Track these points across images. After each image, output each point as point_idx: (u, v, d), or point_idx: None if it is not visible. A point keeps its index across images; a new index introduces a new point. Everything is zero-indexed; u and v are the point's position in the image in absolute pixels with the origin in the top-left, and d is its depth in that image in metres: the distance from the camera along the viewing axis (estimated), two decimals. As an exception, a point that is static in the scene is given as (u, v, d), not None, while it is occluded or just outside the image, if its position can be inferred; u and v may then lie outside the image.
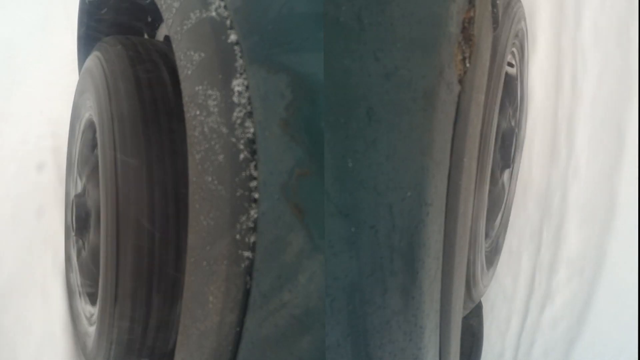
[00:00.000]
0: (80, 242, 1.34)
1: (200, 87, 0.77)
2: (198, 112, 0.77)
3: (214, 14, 0.76)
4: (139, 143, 0.96)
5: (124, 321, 0.99)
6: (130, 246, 0.95)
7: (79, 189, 1.33)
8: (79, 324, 1.33)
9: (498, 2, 1.00)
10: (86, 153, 1.29)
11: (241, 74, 0.74)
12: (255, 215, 0.74)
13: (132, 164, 0.95)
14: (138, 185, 0.95)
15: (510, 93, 1.54)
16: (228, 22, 0.75)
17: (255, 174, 0.73)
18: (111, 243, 0.97)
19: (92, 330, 1.19)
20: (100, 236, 1.04)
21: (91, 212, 1.25)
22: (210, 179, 0.76)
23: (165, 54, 1.09)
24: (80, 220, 1.26)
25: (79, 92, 1.27)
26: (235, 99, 0.74)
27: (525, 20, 1.52)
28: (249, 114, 0.73)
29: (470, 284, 1.27)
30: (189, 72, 0.79)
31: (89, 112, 1.19)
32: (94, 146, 1.26)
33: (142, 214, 0.94)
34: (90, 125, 1.24)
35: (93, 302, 1.27)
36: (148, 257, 0.95)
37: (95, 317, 1.17)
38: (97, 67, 1.09)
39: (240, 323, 0.76)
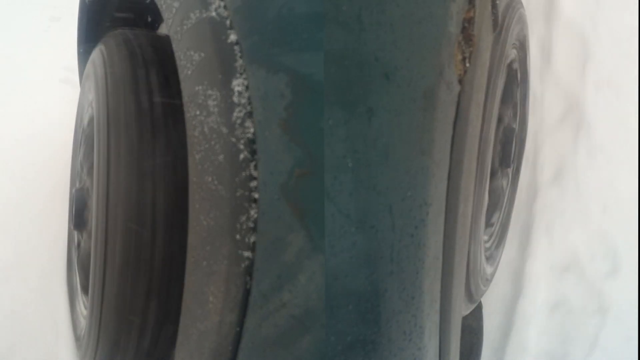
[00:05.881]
0: (79, 236, 1.33)
1: (200, 87, 0.77)
2: (198, 112, 0.77)
3: (213, 14, 0.76)
4: (132, 142, 0.94)
5: (111, 318, 0.98)
6: (118, 244, 0.93)
7: (80, 184, 1.32)
8: (77, 324, 1.33)
9: (498, 2, 1.00)
10: (88, 148, 1.29)
11: (241, 74, 0.74)
12: (255, 215, 0.74)
13: (123, 162, 0.93)
14: (129, 183, 0.94)
15: (510, 93, 1.54)
16: (228, 22, 0.75)
17: (255, 174, 0.73)
18: (100, 240, 0.95)
19: (84, 327, 1.18)
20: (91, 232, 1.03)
21: (88, 207, 1.24)
22: (210, 179, 0.76)
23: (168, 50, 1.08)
24: (78, 214, 1.25)
25: (83, 87, 1.27)
26: (235, 99, 0.74)
27: (526, 21, 1.52)
28: (249, 114, 0.73)
29: (470, 284, 1.27)
30: (189, 72, 0.79)
31: (91, 107, 1.18)
32: (93, 142, 1.26)
33: (131, 213, 0.93)
34: (92, 120, 1.23)
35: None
36: (135, 257, 0.93)
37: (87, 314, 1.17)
38: (99, 63, 1.08)
39: (240, 323, 0.76)
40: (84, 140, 1.31)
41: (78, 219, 1.25)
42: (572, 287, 1.67)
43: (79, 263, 1.34)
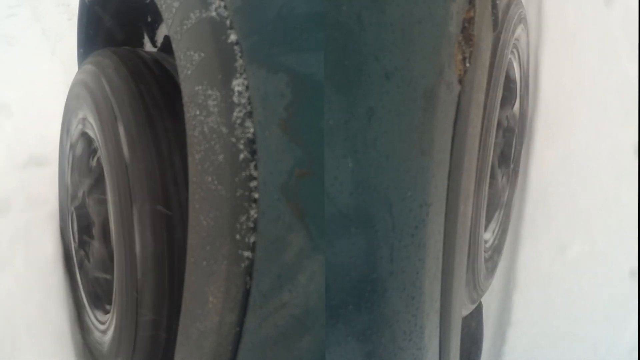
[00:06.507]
0: (83, 252, 1.33)
1: (200, 87, 0.77)
2: (198, 112, 0.77)
3: (213, 13, 0.76)
4: (147, 152, 0.99)
5: (145, 320, 1.00)
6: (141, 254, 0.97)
7: (78, 201, 1.33)
8: (89, 336, 1.33)
9: (498, 2, 1.00)
10: (82, 165, 1.29)
11: (241, 74, 0.74)
12: (255, 215, 0.74)
13: (141, 171, 0.98)
14: (151, 184, 0.97)
15: (510, 93, 1.54)
16: (228, 22, 0.75)
17: (255, 174, 0.73)
18: (124, 262, 0.99)
19: (107, 338, 1.18)
20: (111, 242, 1.05)
21: (94, 222, 1.25)
22: (210, 179, 0.76)
23: (158, 62, 1.11)
24: (82, 231, 1.26)
25: (70, 106, 1.27)
26: (235, 99, 0.74)
27: (525, 22, 1.52)
28: (249, 114, 0.73)
29: (470, 284, 1.27)
30: (189, 72, 0.79)
31: (82, 125, 1.20)
32: (89, 158, 1.26)
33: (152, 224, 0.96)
34: (84, 137, 1.24)
35: (101, 309, 1.27)
36: (167, 260, 0.97)
37: (108, 324, 1.17)
38: (94, 81, 1.10)
39: (240, 323, 0.76)
40: (72, 157, 1.31)
41: (82, 236, 1.27)
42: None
43: (83, 278, 1.34)
